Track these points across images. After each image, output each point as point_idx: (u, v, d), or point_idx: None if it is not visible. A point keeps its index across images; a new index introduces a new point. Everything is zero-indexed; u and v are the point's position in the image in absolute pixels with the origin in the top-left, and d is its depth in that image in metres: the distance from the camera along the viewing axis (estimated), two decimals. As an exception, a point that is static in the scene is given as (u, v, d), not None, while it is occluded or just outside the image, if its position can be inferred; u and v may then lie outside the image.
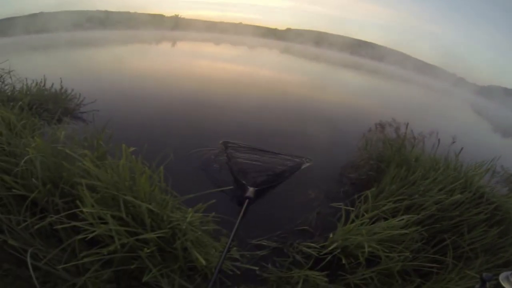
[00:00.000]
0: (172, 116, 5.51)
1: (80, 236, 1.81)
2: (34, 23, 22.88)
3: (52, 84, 4.84)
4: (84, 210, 1.79)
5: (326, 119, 6.91)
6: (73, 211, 1.89)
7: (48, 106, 4.33)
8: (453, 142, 3.96)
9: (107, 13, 37.01)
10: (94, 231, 1.79)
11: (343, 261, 2.31)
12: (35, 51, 13.93)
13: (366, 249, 2.23)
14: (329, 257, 2.35)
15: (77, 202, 1.86)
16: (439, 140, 3.75)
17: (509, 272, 1.65)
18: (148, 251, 1.84)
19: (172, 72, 11.06)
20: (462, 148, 3.63)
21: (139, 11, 43.13)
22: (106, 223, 1.81)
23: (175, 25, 43.13)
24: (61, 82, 4.89)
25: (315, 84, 14.06)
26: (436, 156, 3.66)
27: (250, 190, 3.16)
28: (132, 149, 2.14)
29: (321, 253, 2.41)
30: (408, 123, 4.29)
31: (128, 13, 41.76)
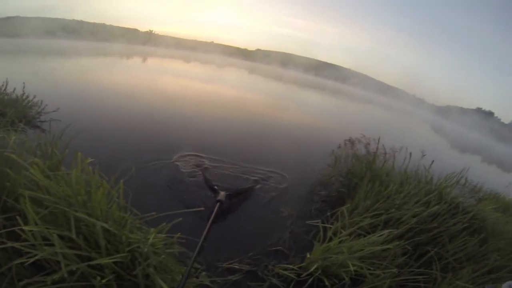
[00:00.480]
0: (135, 129, 5.33)
1: (19, 260, 1.51)
2: (7, 27, 22.44)
3: (14, 89, 4.60)
4: (25, 228, 1.51)
5: (293, 138, 7.02)
6: (13, 229, 1.59)
7: (6, 110, 4.02)
8: (424, 156, 4.01)
9: (82, 23, 36.67)
10: (36, 255, 1.49)
11: (326, 283, 2.14)
12: (2, 54, 13.71)
13: (352, 268, 2.08)
14: (310, 279, 2.17)
15: (18, 218, 1.57)
16: (410, 153, 3.80)
17: (511, 282, 1.58)
18: (104, 280, 1.55)
19: (139, 86, 10.96)
20: (433, 161, 3.73)
21: (115, 24, 43.10)
22: (52, 244, 1.52)
23: (148, 40, 43.34)
24: (23, 87, 4.62)
25: (282, 103, 14.45)
26: (407, 171, 3.68)
27: (222, 194, 3.06)
28: (90, 160, 1.90)
29: (301, 276, 2.23)
30: (379, 138, 4.27)
31: (104, 25, 41.63)
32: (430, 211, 2.73)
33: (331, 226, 2.52)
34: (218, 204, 2.86)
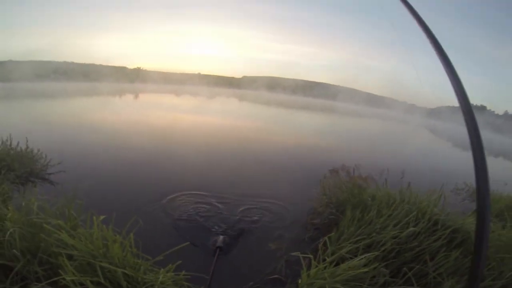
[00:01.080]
0: (134, 171, 5.66)
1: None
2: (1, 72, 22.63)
3: (18, 142, 4.95)
4: (67, 278, 1.95)
5: (286, 164, 7.24)
6: (55, 279, 2.04)
7: (15, 166, 4.38)
8: (401, 177, 4.37)
9: (73, 64, 37.15)
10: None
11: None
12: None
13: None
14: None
15: (59, 271, 2.01)
16: (386, 175, 4.14)
17: None
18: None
19: (134, 125, 11.37)
20: (409, 183, 4.02)
21: (104, 63, 43.86)
22: (87, 288, 1.96)
23: (137, 77, 43.98)
24: (26, 141, 5.01)
25: (273, 129, 14.67)
26: (392, 191, 3.97)
27: (220, 240, 3.29)
28: (102, 217, 2.36)
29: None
30: (356, 165, 4.71)
31: (94, 65, 42.24)
32: (409, 232, 2.97)
33: (318, 254, 2.75)
34: (218, 250, 3.09)
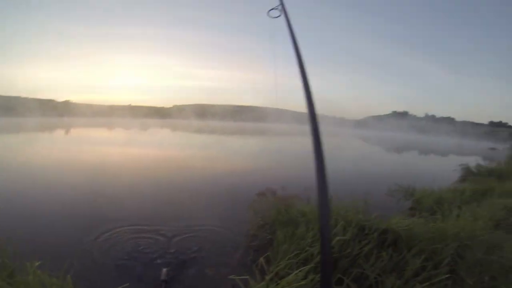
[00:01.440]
0: (70, 208, 5.42)
1: None
2: None
3: None
4: None
5: (221, 191, 7.24)
6: None
7: None
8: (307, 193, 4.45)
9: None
10: None
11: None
12: None
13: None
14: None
15: None
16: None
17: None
18: None
19: (67, 162, 10.91)
20: (332, 196, 4.15)
21: (30, 96, 41.24)
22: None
23: (67, 111, 42.08)
24: None
25: (205, 157, 14.62)
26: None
27: (164, 273, 3.21)
28: (37, 263, 2.33)
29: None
30: (283, 186, 5.01)
31: (19, 98, 39.58)
32: (338, 241, 3.10)
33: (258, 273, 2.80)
34: (163, 284, 3.05)
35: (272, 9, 2.53)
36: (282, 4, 2.50)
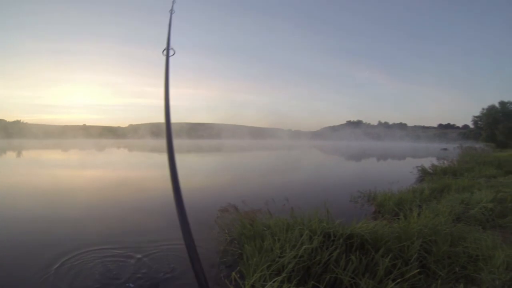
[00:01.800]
0: (27, 233, 5.03)
1: None
2: None
3: None
4: None
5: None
6: None
7: None
8: (283, 204, 4.70)
9: None
10: None
11: None
12: None
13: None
14: None
15: None
16: (272, 201, 4.35)
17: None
18: None
19: (19, 185, 10.30)
20: (292, 208, 4.31)
21: None
22: None
23: (18, 131, 39.93)
24: None
25: (164, 175, 14.28)
26: (283, 217, 4.14)
27: None
28: None
29: None
30: (243, 201, 4.95)
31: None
32: (305, 249, 3.06)
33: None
34: None
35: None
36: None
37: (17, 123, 42.93)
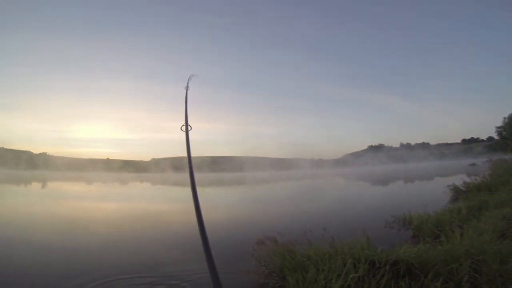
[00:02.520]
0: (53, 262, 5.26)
1: None
2: None
3: None
4: None
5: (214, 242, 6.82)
6: None
7: None
8: (323, 234, 4.59)
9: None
10: None
11: None
12: None
13: None
14: None
15: None
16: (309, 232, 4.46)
17: None
18: None
19: (43, 216, 10.86)
20: (332, 237, 4.24)
21: (6, 146, 39.93)
22: None
23: (44, 163, 41.01)
24: None
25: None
26: (322, 247, 4.08)
27: None
28: None
29: None
30: (279, 232, 4.87)
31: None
32: (352, 278, 2.99)
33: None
34: None
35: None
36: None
37: (43, 155, 44.45)
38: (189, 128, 3.23)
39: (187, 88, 3.76)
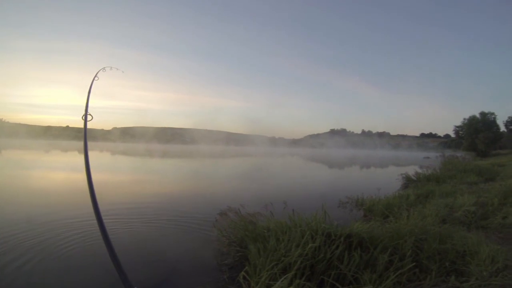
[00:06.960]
0: None
1: None
2: None
3: None
4: None
5: (174, 213, 6.82)
6: None
7: None
8: (284, 207, 4.79)
9: None
10: None
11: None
12: None
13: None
14: None
15: None
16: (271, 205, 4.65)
17: None
18: None
19: None
20: (293, 210, 4.48)
21: None
22: None
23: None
24: None
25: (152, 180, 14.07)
26: (282, 220, 4.33)
27: None
28: None
29: None
30: (242, 205, 5.12)
31: None
32: (311, 247, 3.28)
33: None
34: None
35: None
36: None
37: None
38: (89, 118, 3.45)
39: (93, 79, 3.82)
